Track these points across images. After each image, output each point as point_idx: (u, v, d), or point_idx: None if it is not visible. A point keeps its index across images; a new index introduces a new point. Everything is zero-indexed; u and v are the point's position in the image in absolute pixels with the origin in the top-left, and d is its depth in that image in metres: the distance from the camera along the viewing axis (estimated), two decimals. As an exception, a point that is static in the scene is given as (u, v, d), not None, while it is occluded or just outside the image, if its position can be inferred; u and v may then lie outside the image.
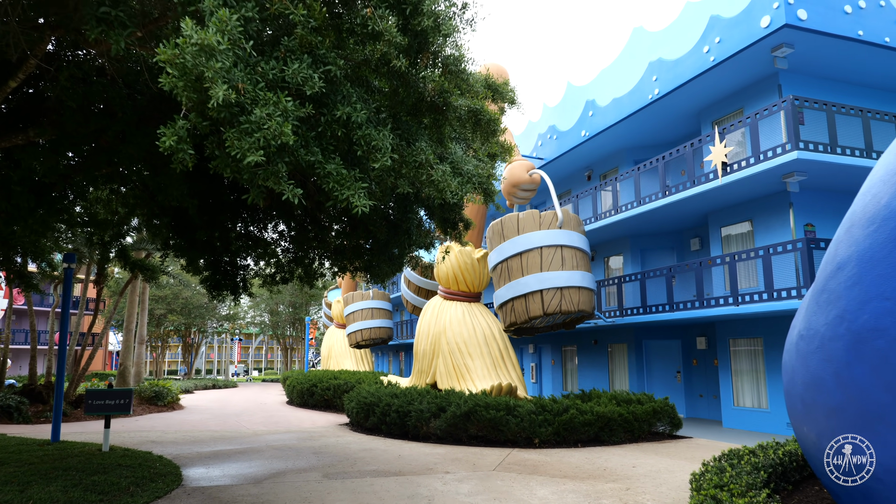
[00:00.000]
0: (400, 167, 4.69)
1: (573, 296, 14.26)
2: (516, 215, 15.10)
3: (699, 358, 16.70)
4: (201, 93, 3.57)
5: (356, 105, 4.28)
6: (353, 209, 4.15)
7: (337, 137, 4.37)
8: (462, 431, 12.56)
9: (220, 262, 12.39)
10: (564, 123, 19.23)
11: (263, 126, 3.61)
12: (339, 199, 4.21)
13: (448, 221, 10.03)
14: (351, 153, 4.58)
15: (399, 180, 4.70)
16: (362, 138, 4.25)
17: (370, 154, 4.29)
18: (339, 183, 4.21)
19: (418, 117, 5.13)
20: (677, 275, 14.72)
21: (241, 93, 3.61)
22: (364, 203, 4.16)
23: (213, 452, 11.83)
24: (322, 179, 4.25)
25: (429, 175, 4.66)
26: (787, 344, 5.78)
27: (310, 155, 4.16)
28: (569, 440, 12.08)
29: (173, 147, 3.64)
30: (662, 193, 14.57)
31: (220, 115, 3.66)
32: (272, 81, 3.86)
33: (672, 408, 12.94)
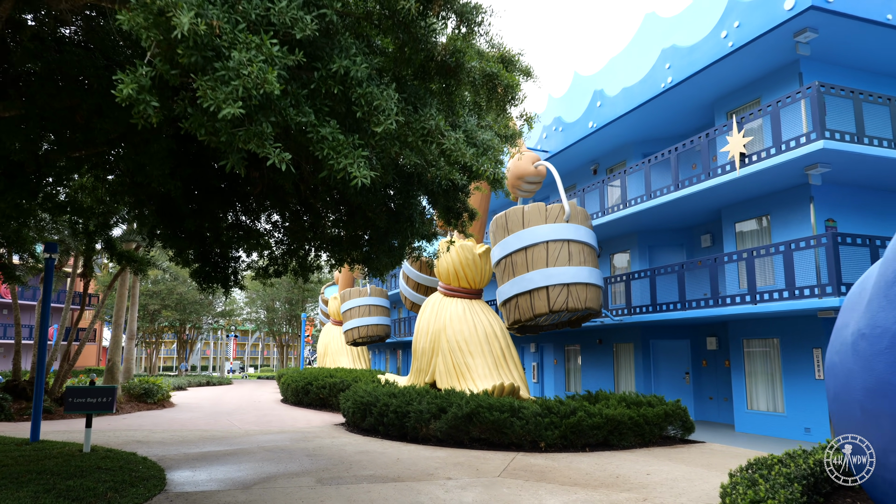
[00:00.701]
0: (406, 134, 4.05)
1: (580, 293, 13.64)
2: (521, 208, 14.47)
3: (709, 359, 16.09)
4: (167, 31, 2.92)
5: (356, 58, 3.63)
6: (352, 181, 3.51)
7: (333, 96, 3.73)
8: (463, 434, 11.93)
9: (209, 254, 11.75)
10: (571, 115, 18.59)
11: (243, 73, 2.96)
12: (335, 168, 3.57)
13: (452, 211, 9.39)
14: (349, 116, 3.95)
15: (405, 150, 4.06)
16: (362, 97, 3.61)
17: (371, 116, 3.64)
18: (335, 150, 3.57)
19: (426, 81, 4.49)
20: (688, 272, 14.10)
21: (217, 31, 2.96)
22: (364, 174, 3.53)
23: (202, 454, 11.18)
24: (315, 146, 3.60)
25: (439, 143, 4.02)
26: (838, 345, 5.16)
27: (301, 115, 3.52)
28: (576, 444, 11.45)
29: (132, 97, 3.00)
30: (675, 186, 13.94)
31: (190, 59, 3.02)
32: (255, 23, 3.22)
33: (684, 411, 12.32)
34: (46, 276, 11.42)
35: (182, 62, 3.11)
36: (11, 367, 16.28)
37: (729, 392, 15.35)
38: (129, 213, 11.77)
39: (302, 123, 3.52)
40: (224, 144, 3.37)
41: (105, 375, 17.96)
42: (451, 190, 8.41)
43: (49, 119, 6.99)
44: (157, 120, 3.17)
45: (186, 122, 3.44)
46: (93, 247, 12.56)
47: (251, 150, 3.23)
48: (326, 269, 12.02)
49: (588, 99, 17.66)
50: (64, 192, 11.87)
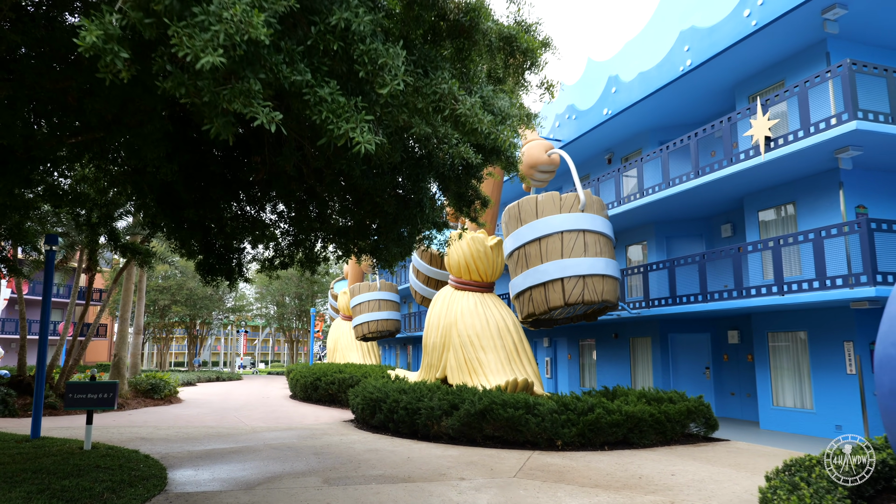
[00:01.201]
0: (414, 100, 3.59)
1: (597, 285, 13.13)
2: (535, 198, 13.97)
3: (730, 353, 15.53)
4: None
5: (358, 10, 3.17)
6: (355, 146, 3.06)
7: (332, 54, 3.28)
8: (476, 431, 11.50)
9: (213, 245, 11.39)
10: (584, 102, 18.03)
11: (224, 16, 2.52)
12: (334, 134, 3.12)
13: (463, 198, 8.94)
14: (352, 78, 3.51)
15: (413, 118, 3.60)
16: (365, 54, 3.15)
17: (376, 77, 3.19)
18: (335, 113, 3.12)
19: (437, 44, 4.03)
20: (709, 263, 13.54)
21: (193, -33, 2.52)
22: (368, 139, 3.08)
23: (206, 452, 10.84)
24: (312, 109, 3.15)
25: (453, 109, 3.56)
26: (894, 336, 4.65)
27: (296, 74, 3.06)
28: (594, 442, 10.98)
29: (98, 47, 2.56)
30: (695, 174, 13.37)
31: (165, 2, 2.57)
32: (240, -37, 2.76)
33: (707, 407, 11.81)
34: (47, 269, 11.10)
35: (157, 8, 2.67)
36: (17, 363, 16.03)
37: (752, 387, 14.80)
38: (131, 202, 11.43)
39: (297, 83, 3.07)
40: (207, 107, 2.94)
41: (111, 370, 17.70)
42: (463, 174, 7.95)
43: (40, 101, 6.61)
44: (128, 76, 2.74)
45: (166, 83, 3.00)
46: (96, 239, 12.23)
47: (237, 110, 2.79)
48: (333, 260, 11.64)
49: (602, 85, 17.09)
50: (66, 183, 11.56)
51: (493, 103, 4.14)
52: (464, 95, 3.58)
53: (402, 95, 3.61)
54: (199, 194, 9.54)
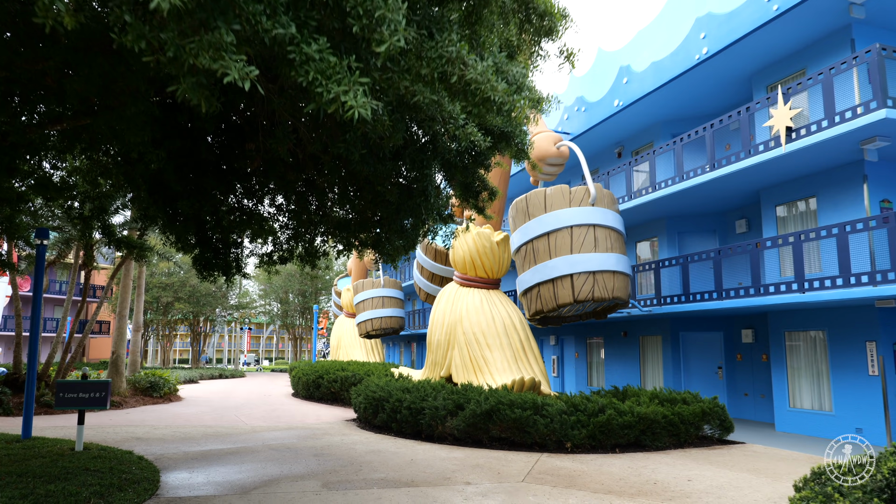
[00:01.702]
0: (418, 65, 3.14)
1: (607, 281, 12.66)
2: (543, 191, 13.50)
3: (744, 352, 15.03)
4: None
5: (350, -46, 2.72)
6: (347, 111, 2.62)
7: (322, 6, 2.84)
8: (482, 432, 11.07)
9: (209, 239, 10.99)
10: (594, 93, 17.52)
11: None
12: (323, 99, 2.68)
13: (470, 189, 8.51)
14: (346, 37, 3.07)
15: (416, 85, 3.16)
16: (360, 5, 2.70)
17: (372, 33, 2.74)
18: (325, 74, 2.68)
19: (444, 5, 3.58)
20: (725, 259, 13.04)
21: None
22: (363, 103, 2.63)
23: (202, 453, 10.45)
24: (298, 70, 2.71)
25: (461, 75, 3.11)
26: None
27: (277, 27, 2.62)
28: (605, 444, 10.52)
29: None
30: (711, 166, 12.87)
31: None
32: None
33: (722, 409, 11.33)
34: (37, 264, 10.72)
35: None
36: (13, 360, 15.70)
37: (766, 388, 14.30)
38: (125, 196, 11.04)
39: (280, 38, 2.63)
40: (173, 64, 2.51)
41: (109, 368, 17.35)
42: (470, 162, 7.51)
43: (15, 82, 6.19)
44: (74, 23, 2.31)
45: (125, 37, 2.56)
46: (88, 233, 11.84)
47: (205, 65, 2.36)
48: (334, 254, 11.21)
49: (613, 76, 16.59)
50: (57, 175, 11.18)
51: (508, 70, 3.70)
52: (474, 59, 3.13)
53: (402, 59, 3.16)
54: (192, 185, 9.14)
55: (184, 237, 10.88)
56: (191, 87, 2.53)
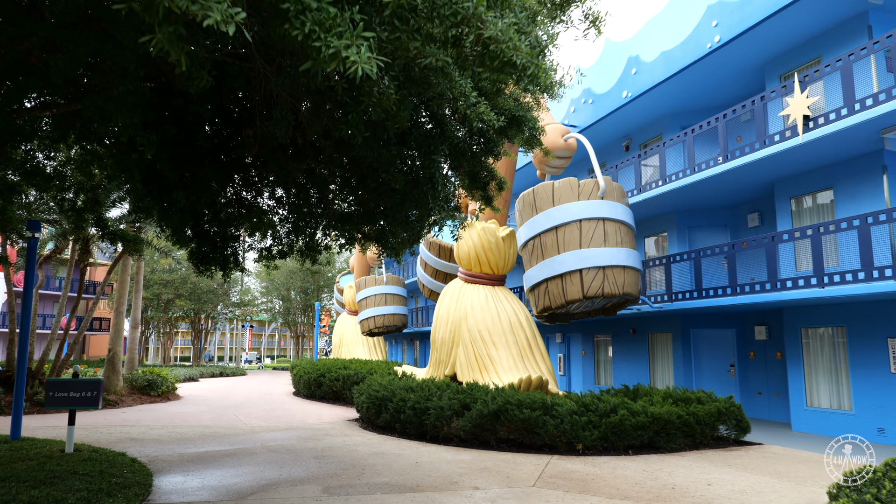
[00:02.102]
0: (429, 25, 2.74)
1: (617, 277, 12.26)
2: (551, 184, 13.10)
3: (757, 350, 14.62)
4: None
5: None
6: (350, 68, 2.23)
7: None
8: (490, 433, 10.68)
9: (206, 233, 10.61)
10: (602, 85, 17.11)
11: None
12: (322, 54, 2.28)
13: (477, 179, 8.12)
14: (347, -11, 2.68)
15: (427, 45, 2.76)
16: (364, -54, 2.30)
17: (377, -21, 2.33)
18: (324, 27, 2.28)
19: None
20: (738, 254, 12.62)
21: None
22: (367, 59, 2.23)
23: (198, 454, 10.07)
24: (293, 22, 2.31)
25: (479, 33, 2.71)
26: None
27: (268, -30, 2.22)
28: (617, 446, 10.13)
29: None
30: (724, 157, 12.45)
31: None
32: None
33: (738, 408, 10.93)
34: (29, 258, 10.36)
35: None
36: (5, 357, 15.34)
37: (781, 387, 13.90)
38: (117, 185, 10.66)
39: (270, -16, 2.23)
40: (147, 10, 2.11)
41: (105, 366, 17.00)
42: (479, 150, 7.11)
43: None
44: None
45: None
46: (82, 225, 11.48)
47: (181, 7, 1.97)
48: (336, 248, 10.87)
49: (622, 67, 16.17)
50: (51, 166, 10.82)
51: (530, 32, 3.32)
52: (493, 17, 2.74)
53: (412, 17, 2.77)
54: (187, 174, 8.75)
55: (180, 230, 10.52)
56: (167, 38, 2.14)
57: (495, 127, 4.73)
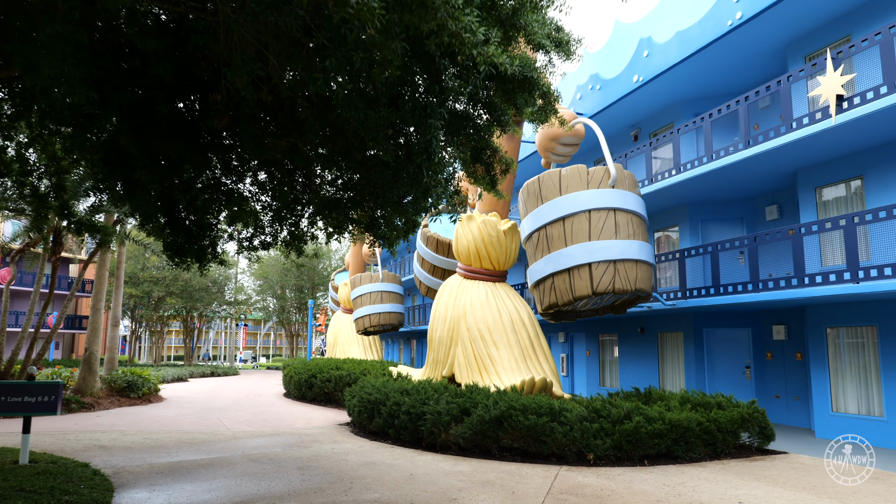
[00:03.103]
0: None
1: (629, 271, 11.34)
2: (557, 171, 12.18)
3: (775, 350, 13.73)
4: None
5: None
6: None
7: None
8: (492, 441, 9.76)
9: (181, 221, 9.67)
10: (610, 70, 16.18)
11: None
12: None
13: (480, 158, 7.20)
14: None
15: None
16: None
17: None
18: None
19: None
20: (761, 247, 11.70)
21: None
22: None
23: (170, 465, 9.12)
24: None
25: None
26: None
27: None
28: (632, 456, 9.22)
29: None
30: (745, 143, 11.54)
31: None
32: None
33: (762, 414, 10.03)
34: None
35: None
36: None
37: (801, 390, 13.00)
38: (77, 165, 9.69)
39: None
40: None
41: (81, 366, 16.01)
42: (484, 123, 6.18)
43: None
44: None
45: None
46: (44, 213, 10.51)
47: None
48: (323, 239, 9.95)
49: (632, 49, 15.24)
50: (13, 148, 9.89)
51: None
52: None
53: None
54: (154, 151, 7.80)
55: (151, 217, 9.58)
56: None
57: (508, 73, 3.80)
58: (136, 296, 39.59)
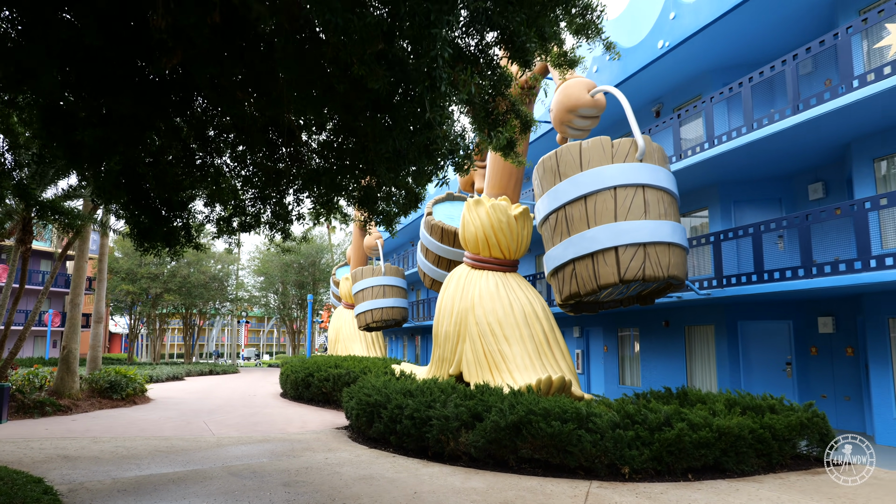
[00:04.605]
0: None
1: (661, 256, 9.96)
2: (578, 144, 10.81)
3: (821, 345, 12.32)
4: None
5: None
6: None
7: None
8: (508, 451, 8.43)
9: (148, 200, 8.39)
10: (631, 37, 14.76)
11: None
12: None
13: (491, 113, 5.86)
14: None
15: None
16: None
17: None
18: None
19: None
20: (807, 227, 10.29)
21: None
22: None
23: (137, 480, 7.84)
24: None
25: None
26: None
27: None
28: (674, 469, 7.87)
29: None
30: (794, 108, 10.13)
31: None
32: None
33: (823, 419, 8.67)
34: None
35: None
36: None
37: (852, 389, 11.61)
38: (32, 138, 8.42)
39: None
40: None
41: (59, 366, 14.76)
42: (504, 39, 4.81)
43: None
44: None
45: None
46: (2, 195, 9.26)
47: None
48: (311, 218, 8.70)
49: (656, 12, 13.81)
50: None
51: None
52: None
53: None
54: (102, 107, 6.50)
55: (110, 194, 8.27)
56: None
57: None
58: (133, 292, 38.43)
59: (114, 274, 39.26)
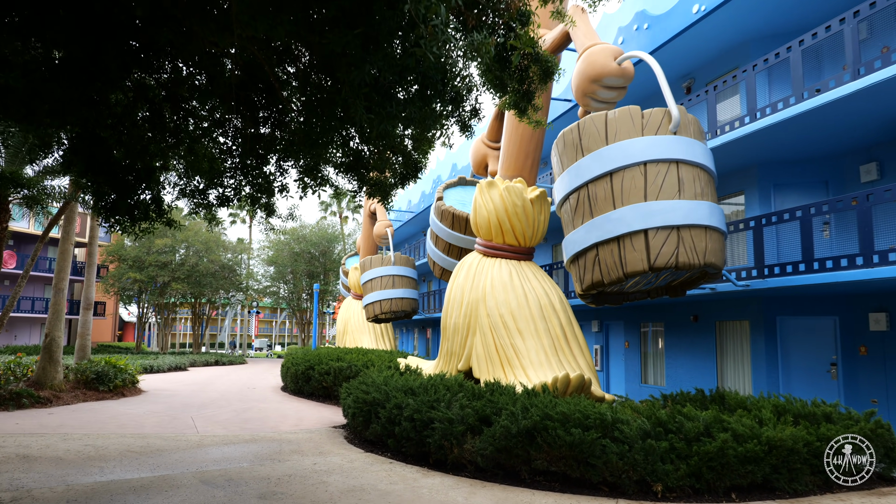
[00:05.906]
0: None
1: (697, 240, 8.73)
2: (603, 115, 9.58)
3: (872, 344, 11.02)
4: None
5: None
6: None
7: None
8: (520, 461, 7.32)
9: (110, 166, 7.37)
10: (661, 4, 13.44)
11: None
12: None
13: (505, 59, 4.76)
14: None
15: None
16: None
17: None
18: None
19: None
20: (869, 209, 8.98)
21: None
22: None
23: (93, 488, 6.85)
24: None
25: None
26: None
27: None
28: (715, 488, 6.69)
29: None
30: (853, 73, 8.82)
31: None
32: None
33: (888, 430, 7.42)
34: None
35: None
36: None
37: (910, 394, 10.31)
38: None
39: None
40: None
41: (42, 354, 13.90)
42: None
43: None
44: None
45: None
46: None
47: None
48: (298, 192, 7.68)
49: (691, -27, 12.49)
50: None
51: None
52: None
53: None
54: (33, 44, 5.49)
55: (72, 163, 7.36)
56: None
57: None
58: (140, 280, 37.84)
59: (121, 262, 38.73)
